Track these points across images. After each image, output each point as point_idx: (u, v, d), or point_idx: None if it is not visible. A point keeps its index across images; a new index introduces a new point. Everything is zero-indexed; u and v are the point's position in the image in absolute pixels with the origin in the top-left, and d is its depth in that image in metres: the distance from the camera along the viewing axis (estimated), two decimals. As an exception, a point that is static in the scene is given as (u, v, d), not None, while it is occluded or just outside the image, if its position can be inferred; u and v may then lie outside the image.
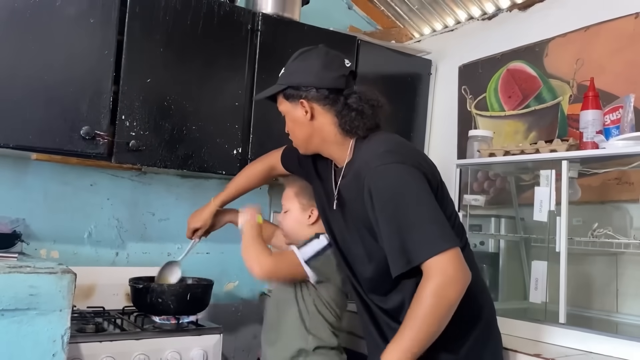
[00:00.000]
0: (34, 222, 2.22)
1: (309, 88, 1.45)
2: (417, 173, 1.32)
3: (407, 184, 1.29)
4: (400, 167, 1.31)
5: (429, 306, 1.23)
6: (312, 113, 1.46)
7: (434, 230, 1.25)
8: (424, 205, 1.27)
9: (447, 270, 1.22)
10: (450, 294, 1.23)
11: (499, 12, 2.57)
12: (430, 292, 1.22)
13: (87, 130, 1.91)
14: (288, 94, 1.49)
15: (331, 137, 1.47)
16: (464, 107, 2.64)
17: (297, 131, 1.51)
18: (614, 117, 1.78)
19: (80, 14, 1.92)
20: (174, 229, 2.52)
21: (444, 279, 1.22)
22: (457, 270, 1.23)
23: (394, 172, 1.31)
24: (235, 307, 2.67)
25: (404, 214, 1.26)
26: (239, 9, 2.27)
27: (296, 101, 1.48)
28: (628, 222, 1.94)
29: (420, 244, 1.24)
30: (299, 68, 1.50)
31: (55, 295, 1.48)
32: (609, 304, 1.97)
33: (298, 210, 1.77)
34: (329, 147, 1.49)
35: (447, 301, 1.23)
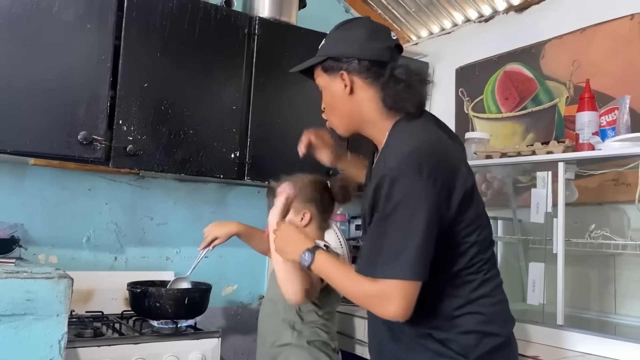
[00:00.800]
0: (32, 227, 2.22)
1: (351, 59, 1.33)
2: (430, 190, 1.20)
3: (411, 200, 1.19)
4: (415, 179, 1.20)
5: (354, 293, 1.26)
6: (351, 87, 1.34)
7: (409, 255, 1.18)
8: (416, 228, 1.18)
9: (392, 296, 1.18)
10: (377, 311, 1.23)
11: (496, 14, 2.58)
12: (367, 295, 1.23)
13: (85, 135, 1.92)
14: (327, 66, 1.37)
15: (371, 114, 1.34)
16: (461, 109, 2.64)
17: (336, 107, 1.39)
18: (610, 118, 1.78)
19: (77, 19, 1.93)
20: (172, 233, 2.52)
21: (383, 301, 1.19)
22: (400, 303, 1.18)
23: (405, 182, 1.20)
24: (234, 310, 2.67)
25: (393, 226, 1.20)
26: (235, 13, 2.28)
27: (335, 73, 1.35)
28: (625, 223, 1.94)
29: (389, 262, 1.19)
30: (341, 38, 1.37)
31: (52, 300, 1.48)
32: (607, 305, 1.97)
33: (291, 213, 1.75)
34: (368, 127, 1.37)
35: (367, 307, 1.28)
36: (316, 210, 1.80)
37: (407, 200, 1.19)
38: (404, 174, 1.20)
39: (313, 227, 1.79)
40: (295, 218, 1.77)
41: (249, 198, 2.72)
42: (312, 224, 1.79)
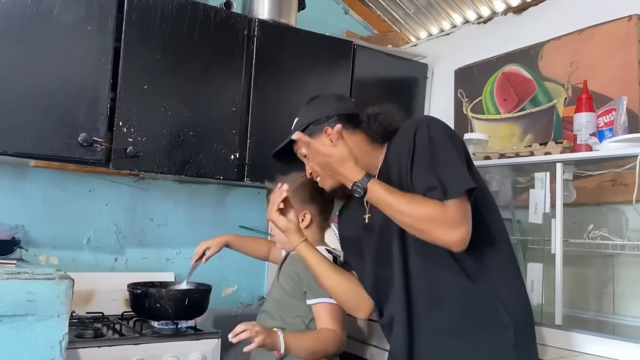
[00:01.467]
0: (33, 229, 2.23)
1: (331, 117, 1.48)
2: (456, 133, 1.40)
3: (447, 134, 1.35)
4: (441, 122, 1.38)
5: (418, 214, 1.26)
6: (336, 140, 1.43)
7: (464, 172, 1.29)
8: (459, 150, 1.33)
9: (459, 214, 1.24)
10: (444, 234, 1.25)
11: (494, 15, 2.59)
12: (433, 215, 1.25)
13: (85, 137, 1.93)
14: (310, 131, 1.48)
15: (364, 153, 1.46)
16: (460, 110, 2.65)
17: (325, 163, 1.44)
18: (607, 119, 1.79)
19: (78, 21, 1.94)
20: (172, 234, 2.53)
21: (452, 220, 1.24)
22: (467, 219, 1.25)
23: (435, 124, 1.36)
24: (234, 311, 2.68)
25: (442, 154, 1.31)
26: (235, 15, 2.29)
27: (320, 134, 1.47)
28: (624, 224, 1.95)
29: (448, 183, 1.26)
30: (314, 107, 1.53)
31: (53, 301, 1.48)
32: (606, 305, 1.97)
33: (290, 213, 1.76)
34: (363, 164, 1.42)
35: (432, 230, 1.26)
36: (316, 210, 1.77)
37: (445, 134, 1.35)
38: (432, 121, 1.37)
39: (314, 227, 1.77)
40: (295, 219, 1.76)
41: (249, 199, 2.73)
42: (312, 224, 1.77)
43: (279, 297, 1.74)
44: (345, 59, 2.55)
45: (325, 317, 1.63)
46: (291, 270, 1.72)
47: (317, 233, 1.79)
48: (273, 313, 1.74)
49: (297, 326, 1.68)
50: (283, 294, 1.72)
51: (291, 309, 1.70)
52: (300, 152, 1.52)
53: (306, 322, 1.68)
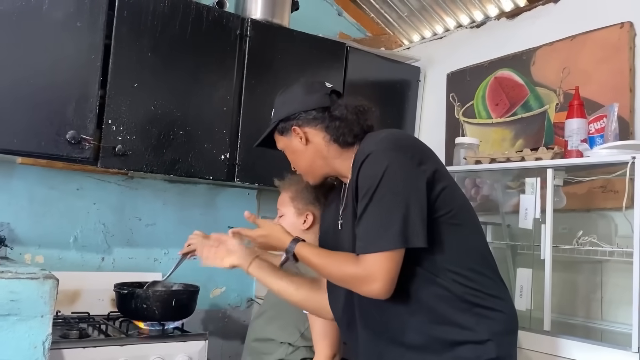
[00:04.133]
0: (19, 227, 2.20)
1: (297, 114, 1.46)
2: (408, 163, 1.27)
3: (392, 172, 1.25)
4: (392, 154, 1.27)
5: (338, 274, 1.30)
6: (306, 137, 1.45)
7: (397, 227, 1.21)
8: (401, 197, 1.23)
9: (373, 269, 1.22)
10: (360, 289, 1.26)
11: (487, 20, 2.59)
12: (350, 274, 1.26)
13: (73, 135, 1.90)
14: (281, 129, 1.48)
15: (329, 153, 1.45)
16: (452, 114, 2.65)
17: (300, 161, 1.49)
18: (599, 125, 1.79)
19: (67, 17, 1.92)
20: (160, 234, 2.51)
21: (365, 276, 1.23)
22: (382, 274, 1.22)
23: (383, 158, 1.26)
24: (222, 313, 2.66)
25: (379, 203, 1.24)
26: (228, 15, 2.27)
27: (289, 132, 1.47)
28: (613, 230, 1.95)
29: (370, 237, 1.24)
30: (283, 101, 1.51)
31: (37, 301, 1.46)
32: (594, 311, 1.98)
33: (293, 214, 1.74)
34: (332, 164, 1.46)
35: (351, 287, 1.29)
36: (319, 212, 1.73)
37: (387, 174, 1.24)
38: (380, 153, 1.27)
39: (316, 230, 1.72)
40: (297, 220, 1.73)
41: (239, 200, 2.71)
42: (315, 226, 1.73)
43: (276, 300, 1.71)
44: (338, 61, 2.55)
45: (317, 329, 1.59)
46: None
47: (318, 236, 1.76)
48: (271, 315, 1.73)
49: (293, 333, 1.67)
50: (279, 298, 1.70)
51: (288, 315, 1.68)
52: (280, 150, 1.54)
53: (302, 330, 1.67)
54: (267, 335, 1.71)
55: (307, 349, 1.68)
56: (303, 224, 1.73)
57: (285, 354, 1.67)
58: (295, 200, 1.74)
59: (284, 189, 1.79)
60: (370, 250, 1.22)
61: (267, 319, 1.73)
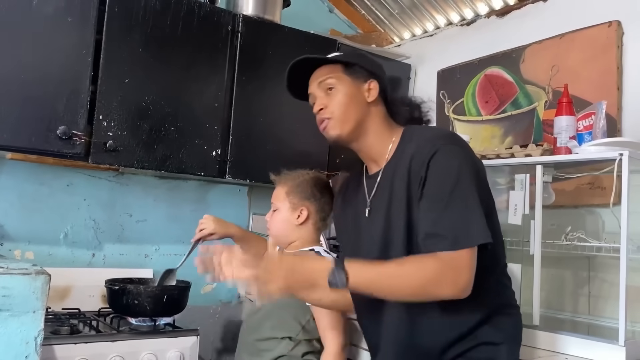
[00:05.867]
0: (9, 223, 2.19)
1: (379, 76, 1.44)
2: (475, 163, 1.32)
3: (467, 168, 1.27)
4: (463, 151, 1.30)
5: (415, 283, 1.19)
6: (372, 95, 1.42)
7: (479, 221, 1.22)
8: (476, 194, 1.25)
9: (462, 264, 1.19)
10: (444, 290, 1.19)
11: (478, 18, 2.61)
12: (432, 277, 1.18)
13: (64, 130, 1.89)
14: (355, 71, 1.42)
15: (380, 125, 1.42)
16: (442, 111, 2.67)
17: (349, 110, 1.40)
18: (587, 123, 1.81)
19: (58, 12, 1.90)
20: (151, 230, 2.51)
21: (455, 273, 1.18)
22: (470, 269, 1.19)
23: (457, 154, 1.28)
24: (213, 309, 2.66)
25: (460, 197, 1.23)
26: (219, 10, 2.27)
27: (361, 81, 1.41)
28: (600, 226, 1.98)
29: (458, 232, 1.21)
30: (365, 55, 1.50)
31: (29, 297, 1.46)
32: (582, 306, 2.01)
33: (287, 209, 1.74)
34: (371, 137, 1.42)
35: (431, 292, 1.20)
36: (314, 208, 1.74)
37: (464, 170, 1.26)
38: (454, 148, 1.29)
39: (309, 226, 1.75)
40: (292, 215, 1.74)
41: (230, 196, 2.71)
42: (308, 222, 1.74)
43: None
44: (329, 58, 2.55)
45: (324, 321, 1.61)
46: None
47: (312, 232, 1.76)
48: (269, 312, 1.72)
49: (293, 326, 1.67)
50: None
51: (287, 308, 1.68)
52: (325, 82, 1.42)
53: (302, 323, 1.67)
54: (266, 331, 1.71)
55: (308, 343, 1.69)
56: (297, 218, 1.74)
57: (287, 349, 1.67)
58: (291, 194, 1.74)
59: (280, 183, 1.79)
60: (462, 245, 1.19)
61: (265, 316, 1.73)
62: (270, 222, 1.80)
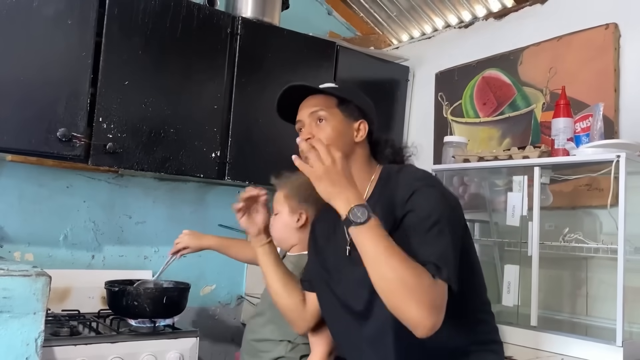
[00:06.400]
0: (8, 225, 2.19)
1: (370, 118, 1.46)
2: (450, 202, 1.32)
3: (444, 209, 1.25)
4: (439, 193, 1.30)
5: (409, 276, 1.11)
6: (360, 135, 1.43)
7: (455, 263, 1.20)
8: (456, 237, 1.25)
9: (443, 299, 1.15)
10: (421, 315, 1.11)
11: (475, 20, 2.62)
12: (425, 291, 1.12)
13: (64, 132, 1.90)
14: (348, 109, 1.43)
15: (362, 163, 1.43)
16: (440, 113, 2.68)
17: (337, 144, 1.34)
18: (584, 125, 1.82)
19: (58, 14, 1.91)
20: (150, 232, 2.51)
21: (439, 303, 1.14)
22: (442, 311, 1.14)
23: (438, 196, 1.28)
24: (212, 310, 2.67)
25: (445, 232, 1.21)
26: (218, 13, 2.28)
27: (352, 120, 1.42)
28: (598, 228, 1.99)
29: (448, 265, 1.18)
30: (357, 92, 1.49)
31: (29, 298, 1.46)
32: (579, 307, 2.01)
33: (287, 213, 1.74)
34: (353, 173, 1.33)
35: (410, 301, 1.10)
36: (314, 211, 1.71)
37: (446, 213, 1.25)
38: (435, 191, 1.29)
39: (309, 229, 1.69)
40: (291, 218, 1.73)
41: (229, 198, 2.70)
42: (308, 224, 1.70)
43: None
44: (328, 60, 2.56)
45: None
46: None
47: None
48: (266, 315, 1.73)
49: (292, 331, 1.66)
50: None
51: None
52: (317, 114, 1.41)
53: None
54: (266, 335, 1.71)
55: (306, 347, 1.68)
56: (297, 222, 1.73)
57: (285, 351, 1.67)
58: (290, 198, 1.74)
59: (280, 187, 1.79)
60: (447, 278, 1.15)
61: (265, 320, 1.73)
62: (271, 226, 1.79)
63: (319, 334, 1.58)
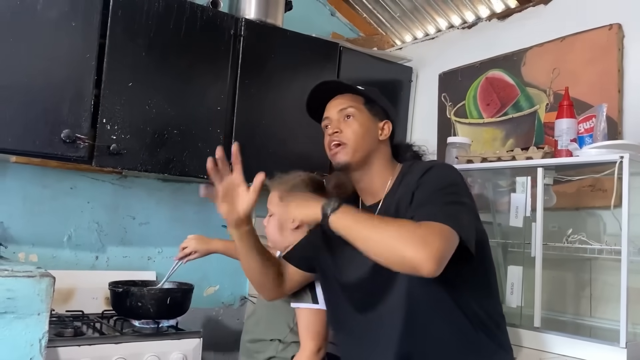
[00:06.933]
0: (13, 225, 2.20)
1: (392, 120, 1.54)
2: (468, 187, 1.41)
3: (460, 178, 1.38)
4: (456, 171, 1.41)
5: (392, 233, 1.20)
6: (384, 134, 1.51)
7: (467, 219, 1.29)
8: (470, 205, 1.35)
9: (434, 235, 1.18)
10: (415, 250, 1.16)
11: (479, 21, 2.62)
12: (409, 234, 1.18)
13: (68, 134, 1.91)
14: (374, 109, 1.51)
15: (383, 162, 1.51)
16: (444, 114, 2.68)
17: (365, 140, 1.46)
18: (588, 125, 1.82)
19: (62, 16, 1.92)
20: (154, 233, 2.52)
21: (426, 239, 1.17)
22: (440, 244, 1.17)
23: (449, 167, 1.43)
24: (215, 311, 2.67)
25: (456, 195, 1.32)
26: (221, 14, 2.28)
27: (377, 119, 1.51)
28: (601, 228, 1.98)
29: (442, 212, 1.25)
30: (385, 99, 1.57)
31: (33, 299, 1.47)
32: (583, 308, 2.01)
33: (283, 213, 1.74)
34: (375, 172, 1.49)
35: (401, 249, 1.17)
36: None
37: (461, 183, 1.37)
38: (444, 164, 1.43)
39: (304, 230, 1.71)
40: (285, 220, 1.73)
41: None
42: (303, 225, 1.71)
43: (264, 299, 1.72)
44: (331, 61, 2.56)
45: (302, 322, 1.61)
46: None
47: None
48: (261, 315, 1.73)
49: (282, 329, 1.67)
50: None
51: (277, 311, 1.68)
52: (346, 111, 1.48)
53: (291, 326, 1.67)
54: (258, 334, 1.72)
55: (297, 345, 1.68)
56: (292, 223, 1.72)
57: (277, 351, 1.67)
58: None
59: (273, 188, 1.78)
60: (439, 220, 1.21)
61: (257, 319, 1.74)
62: (266, 228, 1.80)
63: (308, 330, 1.58)
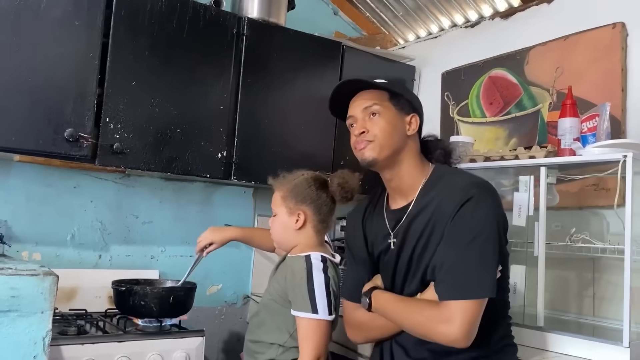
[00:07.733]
0: (16, 224, 2.21)
1: (419, 113, 1.51)
2: (502, 217, 1.39)
3: (492, 223, 1.34)
4: (493, 204, 1.36)
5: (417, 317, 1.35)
6: (412, 128, 1.48)
7: (485, 274, 1.30)
8: (492, 249, 1.33)
9: (461, 320, 1.27)
10: (438, 331, 1.30)
11: (482, 20, 2.61)
12: (429, 316, 1.32)
13: (71, 133, 1.91)
14: (400, 103, 1.47)
15: (415, 157, 1.48)
16: (447, 113, 2.68)
17: (392, 136, 1.44)
18: (591, 124, 1.82)
19: (65, 16, 1.92)
20: (157, 231, 2.52)
21: (446, 318, 1.28)
22: (464, 318, 1.27)
23: (487, 204, 1.35)
24: (218, 310, 2.67)
25: (480, 247, 1.31)
26: (224, 14, 2.29)
27: (404, 113, 1.47)
28: (605, 228, 1.98)
29: (461, 283, 1.29)
30: (411, 91, 1.56)
31: (37, 297, 1.47)
32: (586, 307, 2.01)
33: (285, 214, 1.71)
34: (405, 166, 1.47)
35: (428, 330, 1.33)
36: (311, 210, 1.69)
37: (489, 225, 1.33)
38: (486, 200, 1.35)
39: (309, 229, 1.70)
40: (290, 219, 1.70)
41: (235, 198, 2.72)
42: (307, 225, 1.69)
43: (267, 301, 1.72)
44: (334, 60, 2.56)
45: (301, 332, 1.59)
46: (281, 274, 1.69)
47: (312, 235, 1.71)
48: (263, 317, 1.72)
49: (282, 334, 1.66)
50: (270, 300, 1.70)
51: (278, 316, 1.67)
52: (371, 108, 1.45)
53: (291, 332, 1.65)
54: (259, 336, 1.71)
55: (297, 350, 1.66)
56: (295, 223, 1.70)
57: (276, 354, 1.66)
58: (287, 199, 1.71)
59: (276, 187, 1.77)
60: (464, 296, 1.28)
61: (259, 321, 1.73)
62: (271, 228, 1.78)
63: (307, 338, 1.57)
